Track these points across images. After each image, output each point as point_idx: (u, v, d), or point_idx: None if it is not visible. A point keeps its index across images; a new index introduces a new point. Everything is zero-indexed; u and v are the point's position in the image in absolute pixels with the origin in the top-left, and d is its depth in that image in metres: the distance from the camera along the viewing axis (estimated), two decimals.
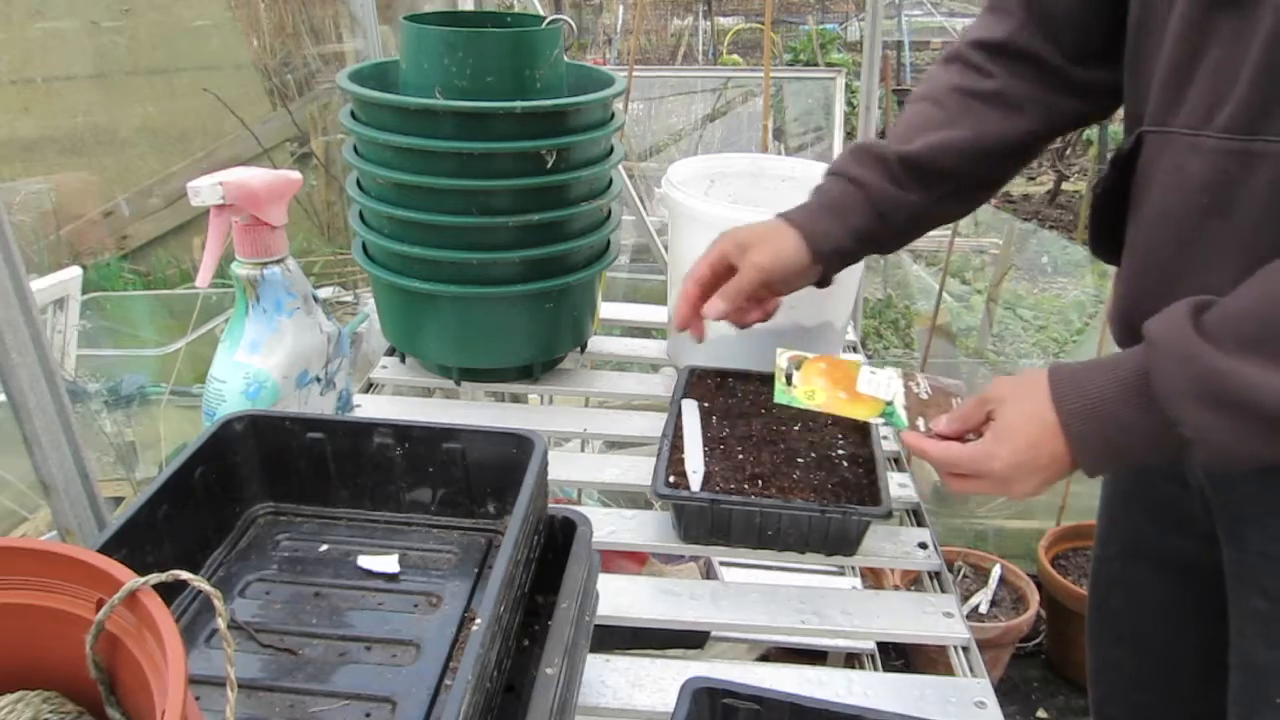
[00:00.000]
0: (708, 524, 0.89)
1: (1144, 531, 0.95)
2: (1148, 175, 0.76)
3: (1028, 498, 0.76)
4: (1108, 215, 0.82)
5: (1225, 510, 0.81)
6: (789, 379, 0.91)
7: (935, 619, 0.85)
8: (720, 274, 0.93)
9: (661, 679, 0.78)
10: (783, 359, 0.93)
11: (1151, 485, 0.92)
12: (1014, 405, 0.73)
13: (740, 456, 0.94)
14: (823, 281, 0.97)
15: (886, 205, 0.91)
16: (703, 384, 1.07)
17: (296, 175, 0.86)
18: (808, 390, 0.89)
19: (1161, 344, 0.65)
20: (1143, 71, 0.76)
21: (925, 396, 0.88)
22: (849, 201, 0.92)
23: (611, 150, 1.17)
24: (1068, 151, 4.24)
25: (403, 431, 0.71)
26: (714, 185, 1.27)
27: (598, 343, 1.31)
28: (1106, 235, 0.83)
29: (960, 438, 0.77)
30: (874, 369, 0.90)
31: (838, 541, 0.88)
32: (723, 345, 1.15)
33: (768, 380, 1.07)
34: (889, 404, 0.86)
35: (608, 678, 0.78)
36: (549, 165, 1.04)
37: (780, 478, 0.91)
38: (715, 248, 0.94)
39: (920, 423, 0.84)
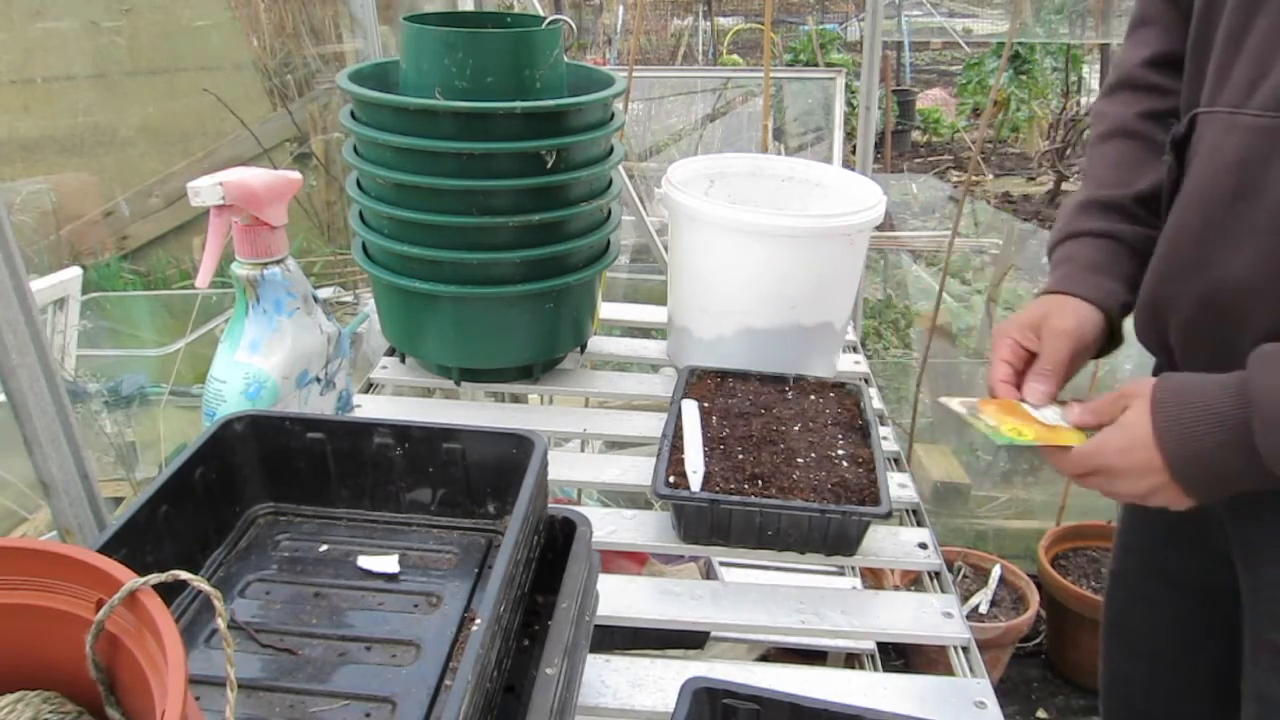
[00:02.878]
0: (707, 524, 0.89)
1: (1163, 549, 0.94)
2: (1192, 157, 0.74)
3: (1136, 500, 0.76)
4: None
5: (1243, 542, 0.80)
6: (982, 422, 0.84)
7: (935, 619, 0.85)
8: (1021, 367, 0.87)
9: (661, 679, 0.78)
10: (962, 407, 0.86)
11: None
12: (1139, 406, 0.72)
13: (740, 456, 0.94)
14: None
15: (1142, 245, 0.87)
16: (703, 384, 1.07)
17: (296, 175, 0.86)
18: (1012, 428, 0.82)
19: (1265, 405, 0.63)
20: (1203, 53, 0.75)
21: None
22: (1109, 255, 0.88)
23: (611, 150, 1.17)
24: (1067, 152, 4.22)
25: (402, 431, 0.71)
26: (714, 185, 1.27)
27: (598, 343, 1.31)
28: None
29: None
30: (1031, 404, 0.85)
31: (838, 541, 0.88)
32: (723, 345, 1.15)
33: (768, 380, 1.08)
34: (1088, 432, 0.81)
35: (608, 678, 0.78)
36: (549, 165, 1.04)
37: (780, 478, 0.91)
38: (1002, 344, 0.88)
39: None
